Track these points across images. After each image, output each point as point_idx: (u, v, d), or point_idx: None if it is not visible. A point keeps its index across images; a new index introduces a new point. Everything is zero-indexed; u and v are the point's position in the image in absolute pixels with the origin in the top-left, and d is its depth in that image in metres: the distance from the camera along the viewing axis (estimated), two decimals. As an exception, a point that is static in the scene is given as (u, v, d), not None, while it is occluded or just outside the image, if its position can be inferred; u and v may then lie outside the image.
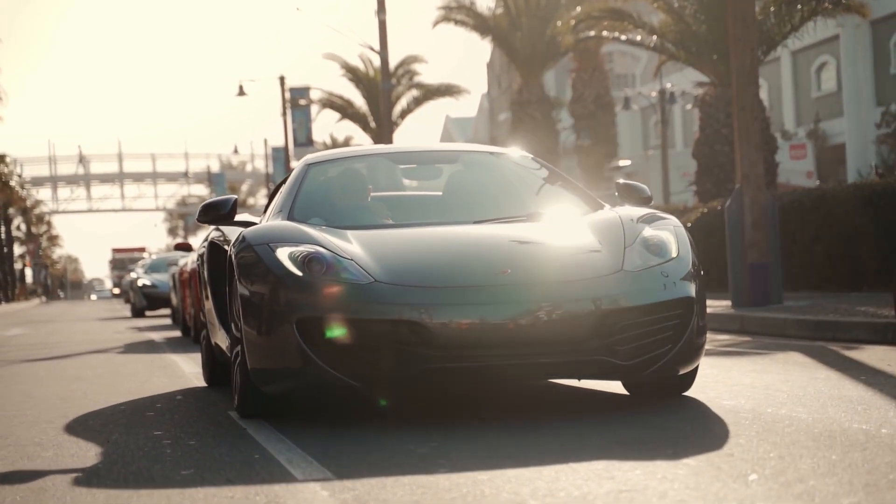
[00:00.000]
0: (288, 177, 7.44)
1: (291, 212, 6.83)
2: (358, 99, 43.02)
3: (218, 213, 6.93)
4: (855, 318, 10.34)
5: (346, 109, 43.19)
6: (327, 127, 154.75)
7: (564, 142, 46.94)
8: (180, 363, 11.15)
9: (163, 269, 28.25)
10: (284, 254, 5.87)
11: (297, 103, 49.17)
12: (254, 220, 7.13)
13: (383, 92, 29.24)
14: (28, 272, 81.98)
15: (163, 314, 28.69)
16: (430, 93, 42.06)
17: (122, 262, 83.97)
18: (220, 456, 5.18)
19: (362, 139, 47.94)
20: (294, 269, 5.77)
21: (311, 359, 5.63)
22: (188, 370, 10.18)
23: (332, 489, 4.29)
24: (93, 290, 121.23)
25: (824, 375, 7.22)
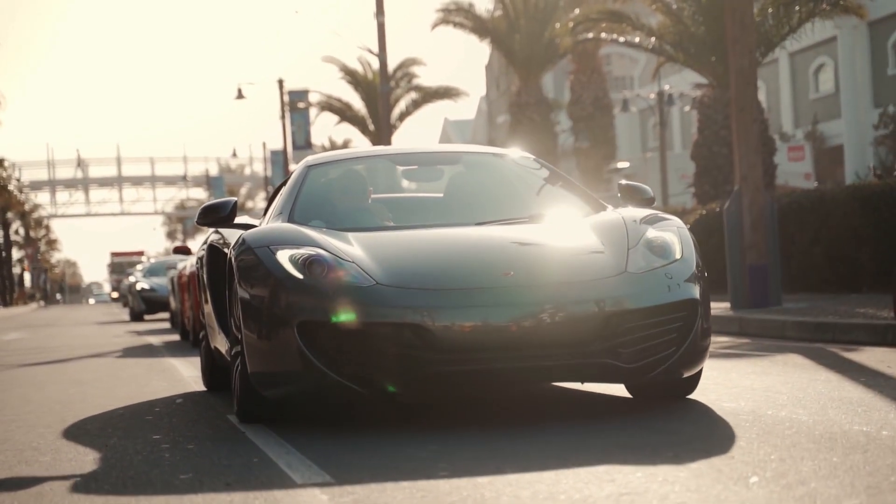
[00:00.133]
0: (288, 179, 7.37)
1: (292, 214, 6.75)
2: (356, 101, 43.02)
3: (217, 215, 6.86)
4: (854, 320, 10.32)
5: (345, 112, 43.17)
6: (326, 130, 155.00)
7: (563, 144, 46.94)
8: (179, 367, 11.13)
9: (161, 272, 28.24)
10: (285, 256, 5.81)
11: (296, 106, 49.18)
12: (253, 222, 7.06)
13: (382, 94, 29.21)
14: (27, 276, 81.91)
15: (161, 318, 28.67)
16: (428, 95, 42.05)
17: (121, 265, 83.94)
18: (219, 460, 5.17)
19: (361, 142, 47.91)
20: (295, 272, 5.71)
21: (313, 362, 5.57)
22: (187, 374, 10.16)
23: (331, 493, 4.28)
24: (91, 293, 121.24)
25: (824, 377, 7.21)
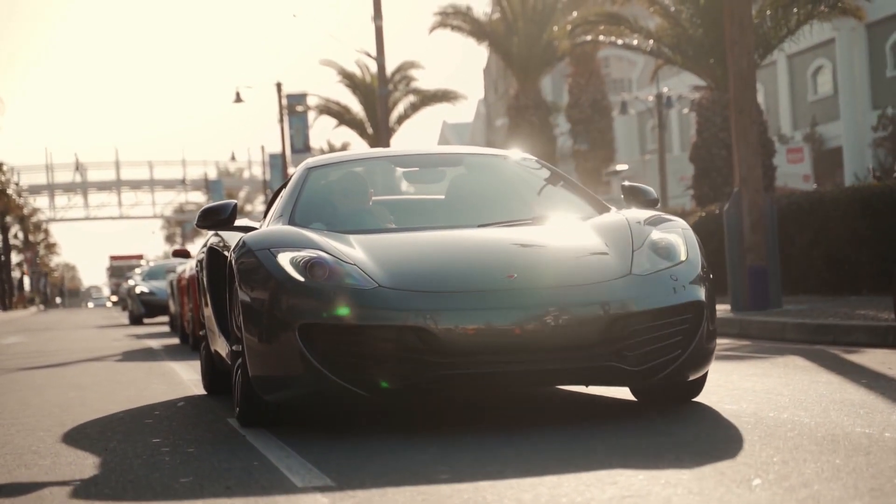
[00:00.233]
0: (288, 181, 7.32)
1: (292, 216, 6.69)
2: (355, 105, 43.03)
3: (217, 217, 6.80)
4: (855, 322, 10.31)
5: (343, 115, 43.17)
6: (324, 133, 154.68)
7: (561, 147, 46.94)
8: (179, 371, 11.11)
9: (161, 276, 28.22)
10: (286, 259, 5.75)
11: (294, 110, 49.17)
12: (254, 225, 7.02)
13: (380, 98, 29.20)
14: (26, 280, 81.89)
15: (161, 321, 28.65)
16: (426, 98, 42.06)
17: (120, 269, 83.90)
18: (219, 463, 5.15)
19: (359, 145, 47.92)
20: (296, 275, 5.66)
21: (314, 366, 5.51)
22: (186, 377, 10.14)
23: (332, 497, 4.26)
24: (90, 297, 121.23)
25: (825, 379, 7.20)
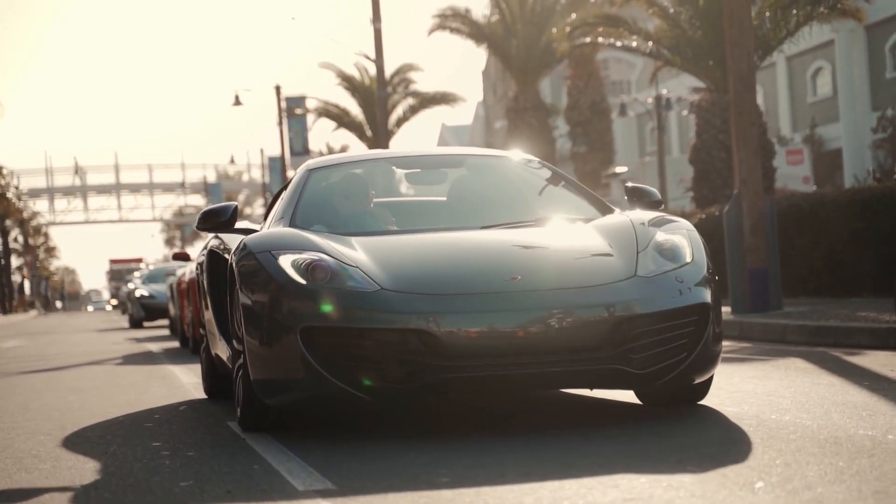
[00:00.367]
0: (288, 183, 7.28)
1: (293, 218, 6.64)
2: (354, 108, 43.02)
3: (218, 220, 6.76)
4: (856, 324, 10.29)
5: (342, 118, 43.16)
6: (323, 136, 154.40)
7: (560, 149, 46.93)
8: (179, 374, 11.10)
9: (160, 279, 28.21)
10: (287, 261, 5.71)
11: (293, 112, 49.14)
12: (254, 227, 6.97)
13: (379, 100, 29.18)
14: (26, 284, 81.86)
15: (161, 325, 28.63)
16: (425, 101, 42.05)
17: (120, 272, 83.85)
18: (219, 467, 5.13)
19: (358, 148, 47.87)
20: (297, 277, 5.62)
21: (316, 369, 5.47)
22: (186, 381, 10.13)
23: (333, 501, 4.25)
24: (90, 301, 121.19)
25: (827, 381, 7.18)
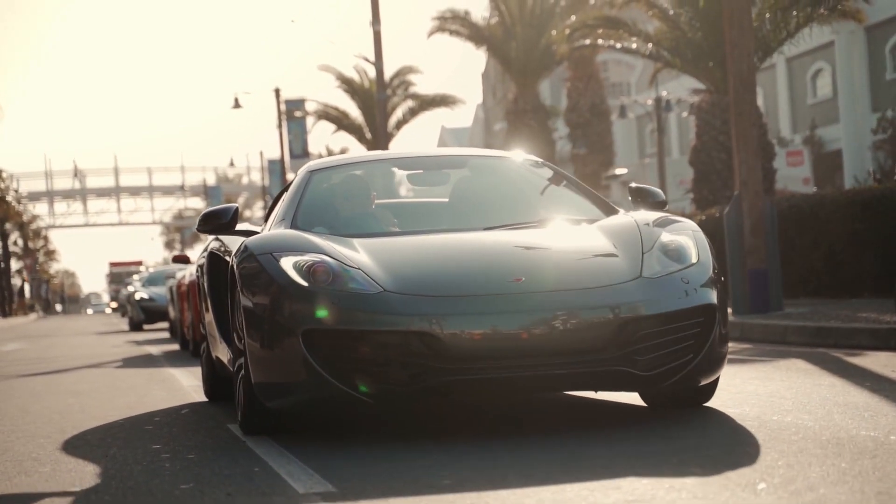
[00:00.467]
0: (289, 185, 7.23)
1: (294, 220, 6.60)
2: (353, 110, 43.06)
3: (218, 222, 6.71)
4: (856, 325, 10.28)
5: (342, 121, 43.19)
6: (323, 138, 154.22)
7: (560, 151, 46.96)
8: (179, 377, 11.08)
9: (160, 282, 28.19)
10: (289, 263, 5.67)
11: (293, 115, 49.14)
12: (255, 229, 6.93)
13: (379, 103, 29.17)
14: (26, 287, 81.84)
15: (161, 327, 28.61)
16: (425, 103, 42.07)
17: (120, 275, 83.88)
18: (219, 469, 5.12)
19: (358, 150, 47.89)
20: (299, 279, 5.57)
21: (318, 372, 5.42)
22: (187, 384, 10.11)
23: (334, 503, 4.23)
24: (89, 304, 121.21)
25: (828, 382, 7.16)
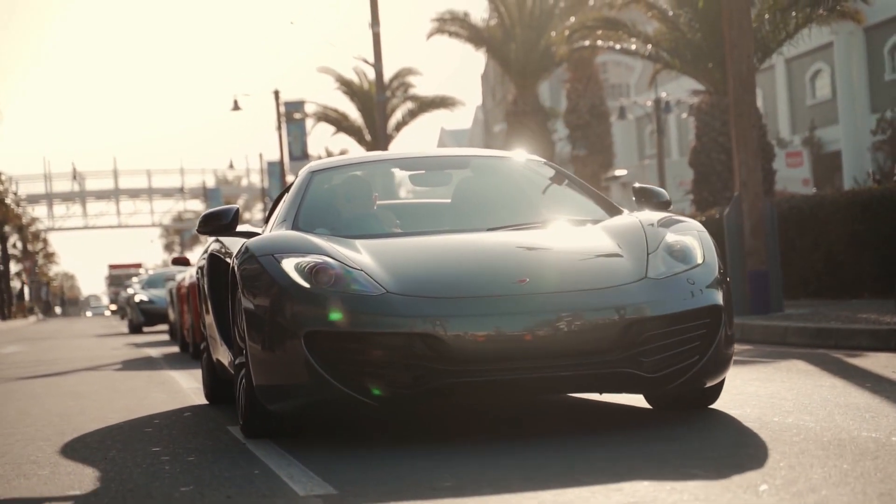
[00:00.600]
0: (290, 186, 7.19)
1: (296, 221, 6.55)
2: (353, 112, 43.04)
3: (219, 223, 6.67)
4: (857, 326, 10.27)
5: (341, 122, 43.18)
6: (322, 140, 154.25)
7: (560, 152, 46.97)
8: (178, 379, 11.07)
9: (160, 284, 28.16)
10: (290, 264, 5.62)
11: (292, 117, 49.15)
12: (256, 230, 6.89)
13: (378, 104, 29.17)
14: (25, 289, 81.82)
15: (160, 330, 28.60)
16: (424, 105, 42.06)
17: (119, 278, 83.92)
18: (219, 472, 5.11)
19: (358, 152, 47.87)
20: (301, 281, 5.52)
21: (320, 374, 5.37)
22: (186, 386, 10.10)
23: (334, 505, 4.22)
24: (89, 306, 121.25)
25: (829, 383, 7.15)
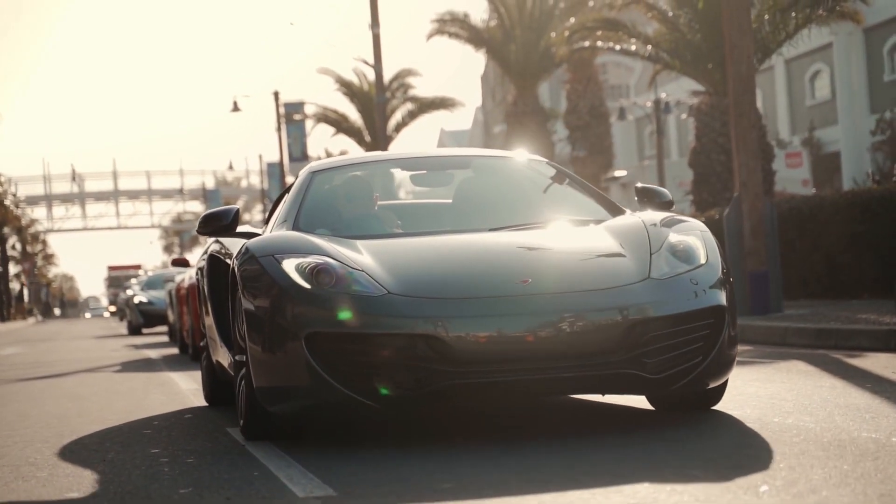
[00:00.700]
0: (291, 186, 7.16)
1: (296, 222, 6.51)
2: (353, 113, 43.00)
3: (219, 223, 6.63)
4: (856, 326, 10.27)
5: (341, 124, 43.15)
6: (322, 141, 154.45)
7: (560, 153, 46.95)
8: (178, 380, 11.06)
9: (159, 285, 28.15)
10: (291, 265, 5.58)
11: (292, 118, 49.13)
12: (256, 231, 6.85)
13: (378, 106, 29.16)
14: (24, 291, 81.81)
15: (160, 331, 28.59)
16: (424, 106, 42.01)
17: (118, 279, 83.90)
18: (218, 473, 5.10)
19: (357, 153, 47.87)
20: (301, 282, 5.49)
21: (321, 376, 5.34)
22: (185, 387, 10.09)
23: (333, 506, 4.22)
24: (88, 308, 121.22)
25: (829, 384, 7.15)
